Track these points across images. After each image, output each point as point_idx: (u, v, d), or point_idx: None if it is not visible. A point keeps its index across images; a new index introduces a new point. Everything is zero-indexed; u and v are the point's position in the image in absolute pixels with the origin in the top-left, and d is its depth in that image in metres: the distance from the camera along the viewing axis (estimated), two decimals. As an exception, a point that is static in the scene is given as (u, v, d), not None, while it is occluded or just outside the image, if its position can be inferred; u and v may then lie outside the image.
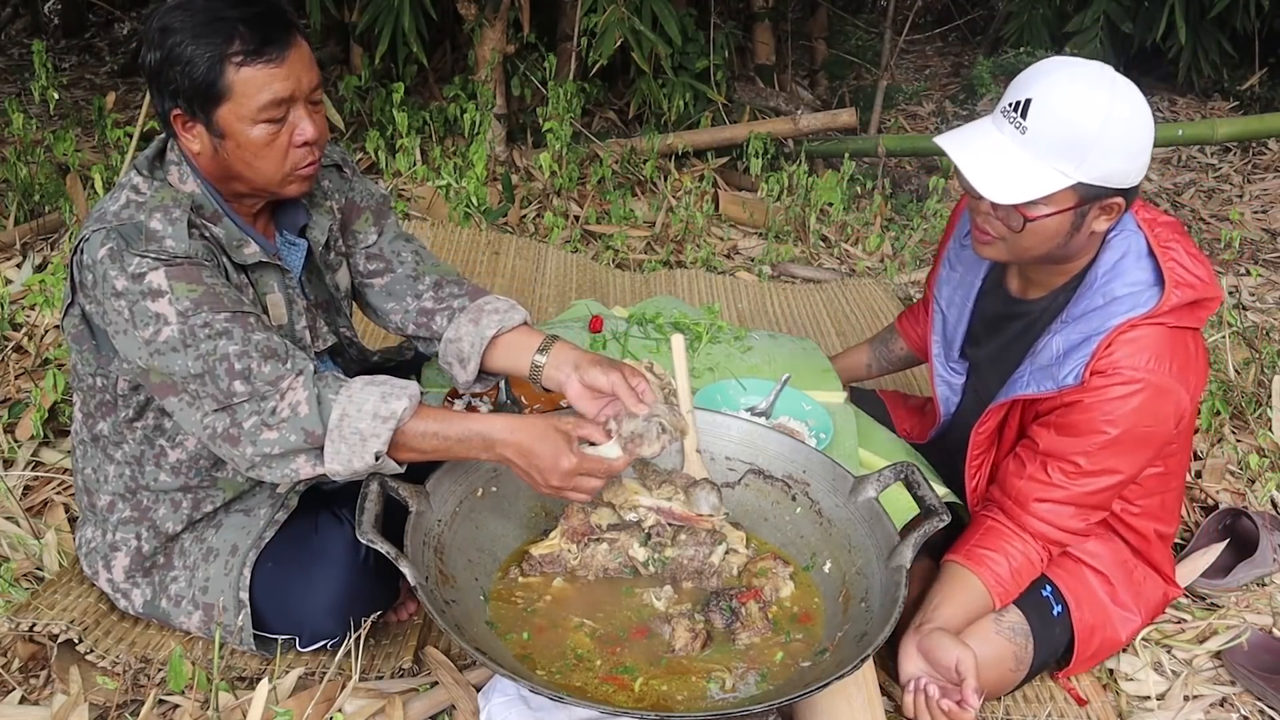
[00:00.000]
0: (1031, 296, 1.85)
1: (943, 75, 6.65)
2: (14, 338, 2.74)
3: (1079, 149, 1.58)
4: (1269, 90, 5.71)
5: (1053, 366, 1.71)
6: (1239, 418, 2.91)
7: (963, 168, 1.66)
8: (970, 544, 1.78)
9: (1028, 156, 1.62)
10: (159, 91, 1.60)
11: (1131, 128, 1.60)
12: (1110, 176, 1.61)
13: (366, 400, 1.58)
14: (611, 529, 1.71)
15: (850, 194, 4.31)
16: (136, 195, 1.62)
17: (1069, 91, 1.60)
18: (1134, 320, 1.66)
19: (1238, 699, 1.99)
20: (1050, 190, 1.61)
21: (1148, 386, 1.65)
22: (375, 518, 1.51)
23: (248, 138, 1.59)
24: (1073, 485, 1.72)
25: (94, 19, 6.26)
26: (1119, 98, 1.60)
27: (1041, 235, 1.67)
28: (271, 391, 1.57)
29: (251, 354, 1.57)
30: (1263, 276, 3.95)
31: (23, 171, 3.53)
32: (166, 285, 1.55)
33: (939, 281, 2.04)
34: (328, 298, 1.91)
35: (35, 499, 2.27)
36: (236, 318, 1.57)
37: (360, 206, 1.95)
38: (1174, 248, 1.72)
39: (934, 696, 1.60)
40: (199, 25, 1.54)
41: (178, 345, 1.55)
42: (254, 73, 1.56)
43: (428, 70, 4.64)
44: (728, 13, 4.89)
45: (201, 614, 1.78)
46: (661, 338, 2.33)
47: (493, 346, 1.83)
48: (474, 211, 3.78)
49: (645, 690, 1.50)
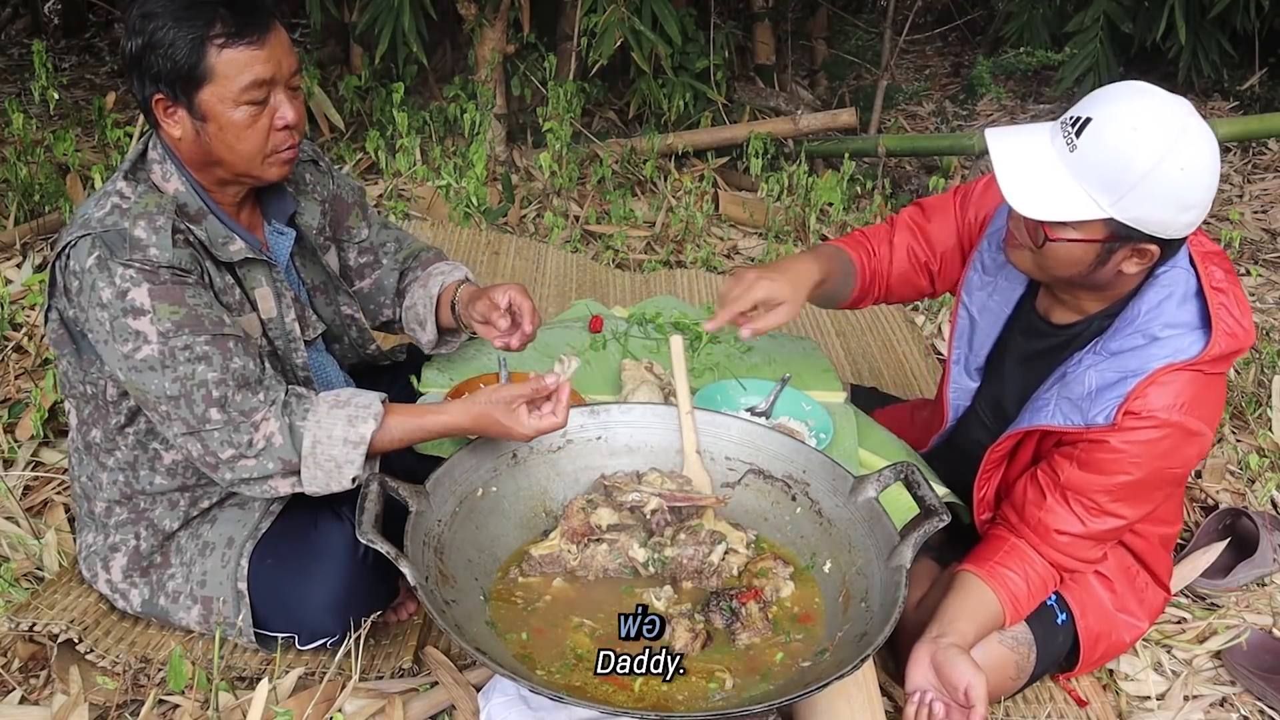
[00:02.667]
0: (1063, 321, 1.79)
1: (943, 75, 6.65)
2: (14, 338, 2.74)
3: (1120, 185, 1.51)
4: (1269, 90, 5.71)
5: (1083, 401, 1.66)
6: (1239, 418, 2.91)
7: (997, 166, 1.59)
8: (993, 561, 1.75)
9: (1067, 176, 1.55)
10: (140, 78, 1.62)
11: (1185, 182, 1.50)
12: (1147, 222, 1.54)
13: (335, 425, 1.63)
14: (611, 529, 1.71)
15: (850, 194, 4.31)
16: (121, 200, 1.63)
17: (1131, 124, 1.50)
18: (1174, 365, 1.60)
19: (1238, 699, 1.99)
20: (1078, 217, 1.55)
21: (1177, 430, 1.61)
22: (375, 517, 1.51)
23: (230, 119, 1.61)
24: (1093, 522, 1.70)
25: (94, 19, 6.26)
26: (1182, 148, 1.49)
27: (1062, 259, 1.62)
28: (245, 423, 1.61)
29: (229, 382, 1.60)
30: (1263, 276, 3.95)
31: (23, 171, 3.53)
32: (149, 304, 1.57)
33: (968, 284, 1.94)
34: (324, 278, 1.96)
35: (35, 499, 2.27)
36: (216, 341, 1.60)
37: (349, 203, 2.02)
38: (1225, 290, 1.65)
39: (939, 716, 1.57)
40: (180, 9, 1.57)
41: (156, 365, 1.58)
42: (236, 54, 1.58)
43: (428, 70, 4.63)
44: (728, 13, 4.88)
45: (200, 608, 1.78)
46: (661, 338, 2.33)
47: (440, 305, 2.01)
48: (474, 211, 3.78)
49: (645, 690, 1.50)
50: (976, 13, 7.02)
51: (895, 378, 3.00)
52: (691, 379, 2.04)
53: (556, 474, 1.82)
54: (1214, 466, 2.65)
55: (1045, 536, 1.73)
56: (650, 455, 1.86)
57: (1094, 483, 1.67)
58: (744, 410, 2.06)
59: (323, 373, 1.98)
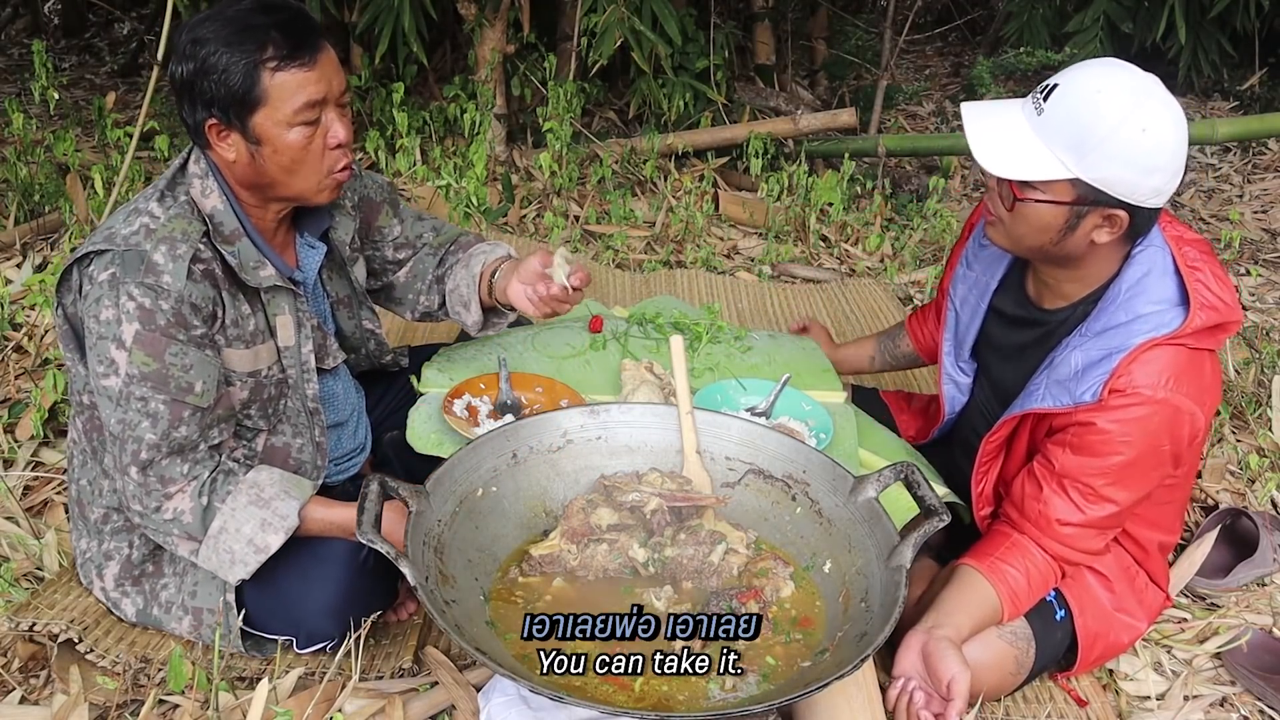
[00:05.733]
0: (1051, 305, 1.82)
1: (943, 75, 6.65)
2: (14, 338, 2.74)
3: (1084, 144, 1.56)
4: (1269, 90, 5.71)
5: (1070, 382, 1.68)
6: (1239, 418, 2.91)
7: (969, 131, 1.65)
8: (993, 556, 1.76)
9: (1035, 138, 1.60)
10: (192, 103, 1.62)
11: (1147, 143, 1.55)
12: (1112, 184, 1.58)
13: (246, 523, 1.66)
14: (611, 529, 1.71)
15: (850, 194, 4.31)
16: (151, 221, 1.63)
17: (1095, 87, 1.57)
18: (1156, 340, 1.62)
19: (1238, 699, 1.99)
20: (1046, 176, 1.59)
21: (1165, 407, 1.62)
22: (375, 518, 1.51)
23: (285, 141, 1.62)
24: (1091, 509, 1.70)
25: (94, 19, 6.26)
26: (1145, 110, 1.55)
27: (1033, 223, 1.65)
28: (159, 492, 1.64)
29: (162, 447, 1.62)
30: (1263, 276, 3.95)
31: (23, 171, 3.53)
32: (129, 343, 1.59)
33: (955, 280, 2.02)
34: (349, 292, 1.96)
35: (35, 499, 2.27)
36: (172, 405, 1.61)
37: (377, 202, 2.02)
38: (1201, 268, 1.68)
39: (917, 704, 1.59)
40: (231, 34, 1.57)
41: (114, 397, 1.62)
42: (288, 77, 1.58)
43: (428, 70, 4.64)
44: (728, 13, 4.88)
45: (191, 619, 1.79)
46: (661, 338, 2.33)
47: (482, 282, 1.99)
48: (474, 211, 3.78)
49: (645, 690, 1.50)
50: (976, 13, 7.03)
51: (895, 377, 3.00)
52: (691, 379, 2.04)
53: (556, 474, 1.82)
54: (1214, 466, 2.65)
55: (1046, 528, 1.74)
56: (650, 455, 1.86)
57: (1088, 466, 1.68)
58: (744, 410, 2.06)
59: (334, 399, 1.98)
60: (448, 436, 1.92)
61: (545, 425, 1.82)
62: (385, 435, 2.15)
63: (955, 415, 2.06)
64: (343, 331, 1.98)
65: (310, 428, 1.85)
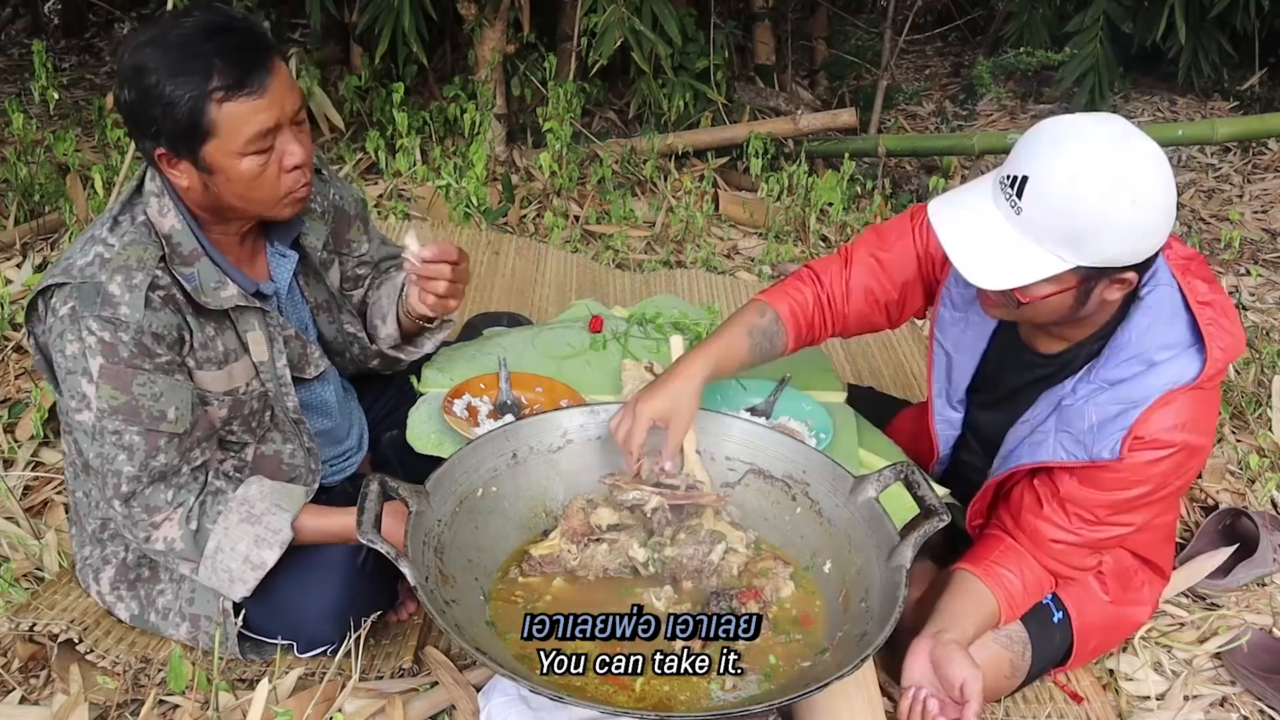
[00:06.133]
0: (1051, 350, 1.76)
1: (943, 75, 6.64)
2: (14, 338, 2.74)
3: (1078, 236, 1.47)
4: (1269, 90, 5.71)
5: (1085, 436, 1.64)
6: (1239, 418, 2.91)
7: (950, 251, 1.54)
8: (989, 560, 1.75)
9: (1024, 239, 1.50)
10: (139, 131, 1.56)
11: (1139, 214, 1.46)
12: (1117, 259, 1.50)
13: (240, 540, 1.66)
14: (611, 529, 1.71)
15: (850, 194, 4.30)
16: (105, 250, 1.59)
17: (1068, 171, 1.45)
18: (1173, 391, 1.59)
19: (1238, 699, 1.99)
20: (1045, 274, 1.51)
21: (1182, 450, 1.61)
22: (375, 518, 1.51)
23: (237, 171, 1.56)
24: (1089, 532, 1.70)
25: (94, 19, 6.25)
26: (1126, 180, 1.45)
27: (1043, 311, 1.60)
28: (145, 521, 1.64)
29: (143, 478, 1.61)
30: (1263, 276, 3.95)
31: (23, 171, 3.53)
32: (96, 377, 1.57)
33: (941, 323, 1.90)
34: (327, 297, 1.92)
35: (35, 499, 2.27)
36: (147, 435, 1.60)
37: (350, 215, 1.96)
38: (1211, 303, 1.63)
39: (932, 712, 1.56)
40: (174, 62, 1.49)
41: (89, 430, 1.60)
42: (236, 107, 1.51)
43: (428, 70, 4.63)
44: (728, 13, 4.88)
45: (189, 625, 1.79)
46: (661, 338, 2.33)
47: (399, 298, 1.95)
48: (474, 211, 3.78)
49: (646, 690, 1.50)
50: (976, 13, 7.02)
51: (895, 378, 3.00)
52: (691, 379, 2.03)
53: (556, 474, 1.82)
54: (1214, 466, 2.65)
55: (1040, 544, 1.73)
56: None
57: (1094, 497, 1.67)
58: (744, 410, 2.06)
59: (323, 405, 1.95)
60: (448, 436, 1.92)
61: (545, 425, 1.82)
62: (384, 435, 2.14)
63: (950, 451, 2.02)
64: (324, 337, 1.94)
65: (298, 435, 1.84)
